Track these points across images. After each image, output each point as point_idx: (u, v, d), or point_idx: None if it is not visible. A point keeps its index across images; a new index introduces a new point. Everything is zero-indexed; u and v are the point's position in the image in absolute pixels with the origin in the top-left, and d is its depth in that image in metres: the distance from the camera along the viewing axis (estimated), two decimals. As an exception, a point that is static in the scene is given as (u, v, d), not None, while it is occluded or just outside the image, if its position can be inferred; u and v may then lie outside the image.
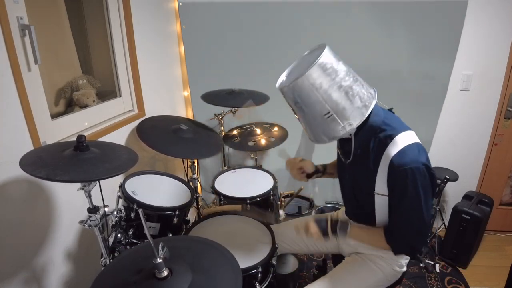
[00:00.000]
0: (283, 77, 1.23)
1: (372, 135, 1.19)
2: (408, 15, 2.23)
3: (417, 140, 1.17)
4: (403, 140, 1.15)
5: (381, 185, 1.20)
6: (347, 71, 1.11)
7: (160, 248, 0.90)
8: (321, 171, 1.57)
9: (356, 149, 1.23)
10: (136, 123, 1.96)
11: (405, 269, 1.40)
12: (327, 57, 1.08)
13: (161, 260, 0.87)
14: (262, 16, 2.36)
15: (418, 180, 1.11)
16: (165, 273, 0.88)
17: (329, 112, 1.10)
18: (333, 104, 1.10)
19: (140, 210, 0.93)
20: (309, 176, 1.55)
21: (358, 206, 1.37)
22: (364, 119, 1.12)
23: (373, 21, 2.26)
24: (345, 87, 1.09)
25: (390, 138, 1.15)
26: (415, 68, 2.35)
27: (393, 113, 1.29)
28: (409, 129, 1.20)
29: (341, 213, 1.57)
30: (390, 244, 1.25)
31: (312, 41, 2.53)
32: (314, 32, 2.35)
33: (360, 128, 1.17)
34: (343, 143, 1.30)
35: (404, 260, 1.38)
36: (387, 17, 2.25)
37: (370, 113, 1.14)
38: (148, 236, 0.89)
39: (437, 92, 2.40)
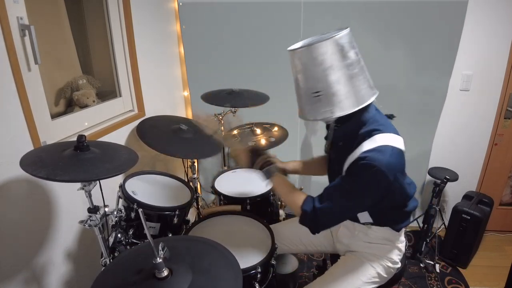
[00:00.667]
0: (297, 44, 1.19)
1: (357, 130, 1.17)
2: (408, 15, 2.23)
3: (398, 146, 1.12)
4: (381, 139, 1.11)
5: None
6: (356, 62, 1.09)
7: (160, 248, 0.90)
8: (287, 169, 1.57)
9: (339, 141, 1.24)
10: (136, 123, 1.96)
11: (399, 265, 1.41)
12: (342, 38, 1.06)
13: (161, 260, 0.87)
14: (262, 16, 2.36)
15: (371, 179, 1.08)
16: (165, 273, 0.88)
17: (318, 92, 1.08)
18: (325, 86, 1.07)
19: (140, 210, 0.93)
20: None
21: None
22: (348, 113, 1.09)
23: (372, 21, 2.26)
24: (346, 75, 1.07)
25: (369, 135, 1.13)
26: (414, 70, 2.35)
27: (391, 119, 1.27)
28: (396, 133, 1.17)
29: None
30: (303, 208, 1.20)
31: (312, 41, 2.51)
32: (314, 31, 2.34)
33: (347, 120, 1.14)
34: (329, 131, 1.31)
35: (397, 256, 1.38)
36: (387, 17, 2.25)
37: (362, 109, 1.12)
38: (148, 236, 0.89)
39: (437, 93, 2.40)
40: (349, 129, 1.18)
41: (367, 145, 1.11)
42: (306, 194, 1.24)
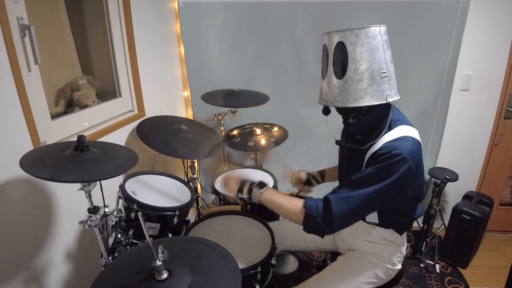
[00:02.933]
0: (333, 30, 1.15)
1: (378, 122, 1.19)
2: (409, 15, 2.23)
3: (416, 137, 1.16)
4: (402, 130, 1.15)
5: None
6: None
7: (159, 251, 0.89)
8: (317, 177, 1.67)
9: (357, 134, 1.24)
10: (136, 123, 1.96)
11: (399, 267, 1.41)
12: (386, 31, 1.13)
13: (160, 263, 0.87)
14: (262, 16, 2.36)
15: (394, 166, 1.07)
16: (165, 275, 0.88)
17: (385, 72, 1.11)
18: (389, 68, 1.13)
19: (139, 214, 0.93)
20: (308, 183, 1.67)
21: None
22: (397, 98, 1.15)
23: (373, 20, 2.26)
24: (392, 62, 1.15)
25: (389, 127, 1.17)
26: (416, 70, 2.35)
27: None
28: (413, 126, 1.20)
29: None
30: (306, 211, 1.15)
31: (313, 41, 2.53)
32: (315, 32, 2.35)
33: (369, 111, 1.17)
34: (347, 126, 1.30)
35: (397, 258, 1.38)
36: (387, 16, 2.25)
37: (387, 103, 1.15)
38: (148, 239, 0.89)
39: (440, 94, 2.39)
40: (370, 122, 1.20)
41: (389, 136, 1.15)
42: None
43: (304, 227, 1.17)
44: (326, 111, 1.30)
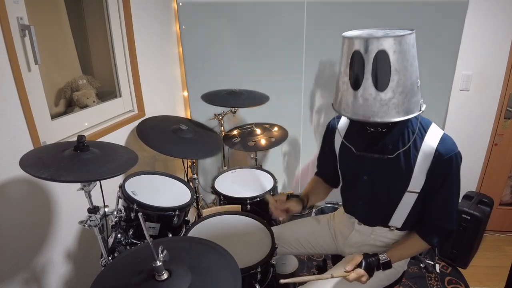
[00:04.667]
0: (378, 33, 1.02)
1: (404, 129, 1.17)
2: (408, 15, 2.23)
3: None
4: (436, 129, 1.17)
5: (416, 182, 1.18)
6: None
7: (160, 251, 0.89)
8: (305, 204, 1.45)
9: (388, 144, 1.17)
10: (136, 123, 1.96)
11: (405, 267, 1.41)
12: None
13: (160, 264, 0.87)
14: (262, 16, 2.36)
15: (459, 164, 1.16)
16: (165, 276, 0.88)
17: (419, 81, 1.03)
18: (418, 74, 1.04)
19: (140, 214, 0.93)
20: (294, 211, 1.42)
21: (376, 208, 1.32)
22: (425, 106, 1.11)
23: (372, 22, 2.26)
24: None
25: (424, 130, 1.17)
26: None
27: None
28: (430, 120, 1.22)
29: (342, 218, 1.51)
30: (429, 240, 1.24)
31: (312, 40, 2.53)
32: (314, 31, 2.35)
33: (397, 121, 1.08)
34: (378, 136, 1.19)
35: (405, 259, 1.38)
36: (386, 17, 2.24)
37: None
38: (148, 240, 0.89)
39: (439, 93, 2.40)
40: (401, 131, 1.16)
41: (431, 141, 1.15)
42: (417, 236, 1.26)
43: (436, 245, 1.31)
44: (361, 125, 1.19)
